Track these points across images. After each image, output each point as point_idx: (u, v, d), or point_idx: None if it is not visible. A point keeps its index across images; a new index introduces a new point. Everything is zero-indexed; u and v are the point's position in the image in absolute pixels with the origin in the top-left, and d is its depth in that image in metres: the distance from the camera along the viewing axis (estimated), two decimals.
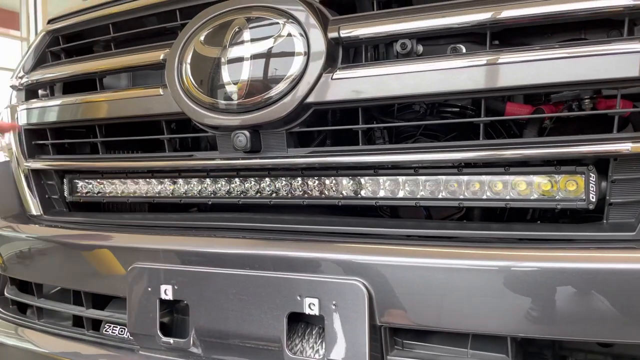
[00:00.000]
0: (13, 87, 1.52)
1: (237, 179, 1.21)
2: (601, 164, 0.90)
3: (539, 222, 1.16)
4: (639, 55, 0.81)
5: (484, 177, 0.98)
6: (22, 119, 1.45)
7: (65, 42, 1.48)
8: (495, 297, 0.85)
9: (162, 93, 1.19)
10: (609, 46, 0.84)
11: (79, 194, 1.43)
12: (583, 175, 0.91)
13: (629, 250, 0.84)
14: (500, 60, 0.89)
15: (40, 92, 1.50)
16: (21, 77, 1.49)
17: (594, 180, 0.90)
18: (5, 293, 1.49)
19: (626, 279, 0.79)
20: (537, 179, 0.94)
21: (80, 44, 1.46)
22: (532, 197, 0.95)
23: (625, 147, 0.84)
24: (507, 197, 0.96)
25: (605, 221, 0.89)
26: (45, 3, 7.18)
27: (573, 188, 0.92)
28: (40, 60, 1.49)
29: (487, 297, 0.85)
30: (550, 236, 0.90)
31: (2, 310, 1.50)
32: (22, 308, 1.50)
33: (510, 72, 0.89)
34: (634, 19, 0.88)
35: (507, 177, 0.96)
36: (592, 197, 0.90)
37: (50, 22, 1.51)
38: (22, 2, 7.59)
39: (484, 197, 0.98)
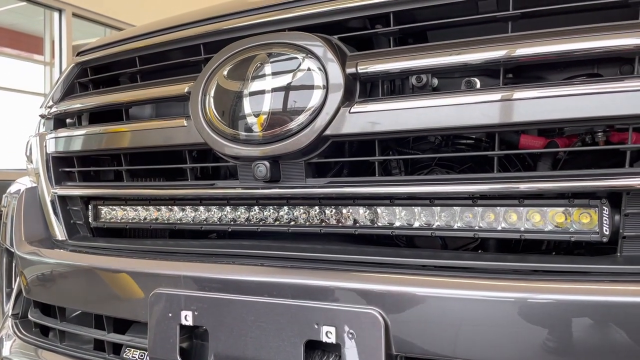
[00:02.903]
0: (42, 116, 1.58)
1: (256, 207, 1.24)
2: (615, 197, 0.92)
3: (553, 253, 1.17)
4: None
5: (498, 209, 1.00)
6: (50, 147, 1.51)
7: (93, 73, 1.54)
8: (511, 329, 0.86)
9: (185, 124, 1.24)
10: (621, 84, 0.86)
11: (103, 220, 1.48)
12: (596, 209, 0.92)
13: None
14: (514, 97, 0.92)
15: (67, 121, 1.56)
16: (50, 107, 1.55)
17: (607, 213, 0.91)
18: (29, 316, 1.53)
19: None
20: (551, 211, 0.96)
21: (107, 76, 1.52)
22: (546, 229, 0.96)
23: (638, 182, 0.85)
24: (522, 229, 0.98)
25: (619, 254, 0.90)
26: (69, 29, 7.39)
27: (587, 220, 0.93)
28: (69, 90, 1.55)
29: (502, 328, 0.86)
30: (565, 268, 0.91)
31: (25, 333, 1.54)
32: (45, 331, 1.53)
33: (524, 108, 0.91)
34: None
35: (521, 209, 0.98)
36: (606, 230, 0.91)
37: (79, 54, 1.57)
38: (46, 27, 7.83)
39: (499, 228, 1.00)
